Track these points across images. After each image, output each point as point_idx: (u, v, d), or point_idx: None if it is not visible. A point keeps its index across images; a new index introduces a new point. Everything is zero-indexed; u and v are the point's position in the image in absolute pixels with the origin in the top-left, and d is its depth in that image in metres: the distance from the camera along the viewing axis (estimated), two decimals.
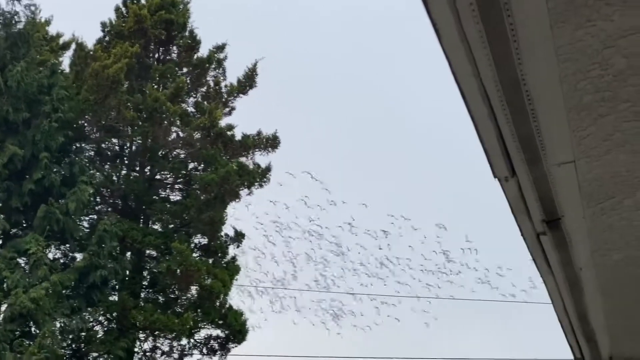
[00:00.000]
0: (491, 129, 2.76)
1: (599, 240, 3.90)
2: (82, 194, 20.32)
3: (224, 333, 24.24)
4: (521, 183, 3.12)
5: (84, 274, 20.09)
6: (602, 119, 2.73)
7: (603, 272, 4.38)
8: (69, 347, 21.10)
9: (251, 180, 24.05)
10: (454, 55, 2.39)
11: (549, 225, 3.58)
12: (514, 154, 2.92)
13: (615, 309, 5.31)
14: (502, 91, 2.55)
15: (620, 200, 3.40)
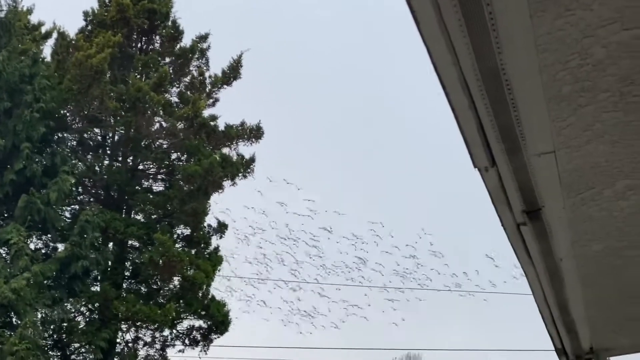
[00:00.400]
0: (471, 119, 2.75)
1: (579, 230, 3.91)
2: (64, 184, 20.21)
3: (206, 324, 24.22)
4: (501, 173, 3.12)
5: (66, 264, 20.00)
6: (582, 109, 2.73)
7: (583, 262, 4.40)
8: (50, 338, 21.03)
9: (234, 171, 24.00)
10: (433, 44, 2.38)
11: (530, 216, 3.58)
12: (493, 144, 2.91)
13: (596, 299, 5.33)
14: (481, 81, 2.54)
15: (600, 190, 3.41)
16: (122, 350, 23.09)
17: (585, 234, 3.97)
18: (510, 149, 2.96)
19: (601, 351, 6.71)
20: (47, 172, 20.74)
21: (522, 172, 3.15)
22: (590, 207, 3.60)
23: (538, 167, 3.13)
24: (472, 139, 2.88)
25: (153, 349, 23.62)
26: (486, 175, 3.15)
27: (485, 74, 2.53)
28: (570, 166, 3.16)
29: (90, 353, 21.18)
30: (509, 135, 2.88)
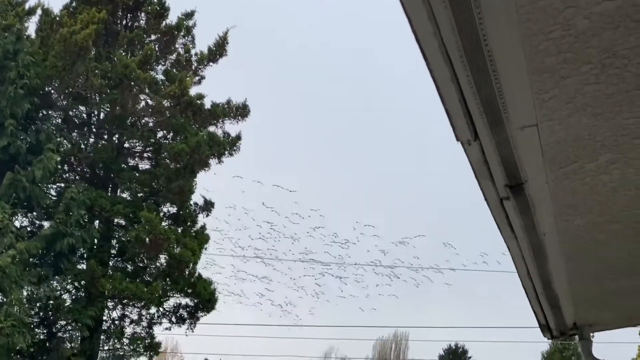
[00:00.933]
0: (453, 92, 2.73)
1: (562, 205, 3.90)
2: (49, 161, 20.12)
3: (193, 302, 24.27)
4: (484, 147, 3.10)
5: (51, 242, 19.96)
6: (564, 81, 2.71)
7: (566, 237, 4.40)
8: (36, 315, 21.03)
9: (221, 150, 23.95)
10: (414, 15, 2.36)
11: (512, 190, 3.56)
12: (476, 117, 2.89)
13: (579, 275, 5.34)
14: (463, 52, 2.52)
15: (582, 164, 3.40)
16: (108, 327, 23.12)
17: (568, 209, 3.96)
18: (492, 122, 2.94)
19: (585, 326, 6.74)
20: (32, 149, 20.65)
21: (505, 146, 3.13)
22: (573, 182, 3.59)
23: (521, 141, 3.12)
24: (455, 111, 2.86)
25: (140, 326, 23.67)
26: (469, 149, 3.14)
27: (467, 45, 2.51)
28: (552, 139, 3.15)
29: (76, 330, 21.20)
30: (491, 108, 2.86)
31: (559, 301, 5.78)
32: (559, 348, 59.88)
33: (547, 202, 3.80)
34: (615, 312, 6.86)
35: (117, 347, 22.80)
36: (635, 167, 3.45)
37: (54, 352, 20.37)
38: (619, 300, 6.36)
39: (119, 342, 22.86)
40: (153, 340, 23.73)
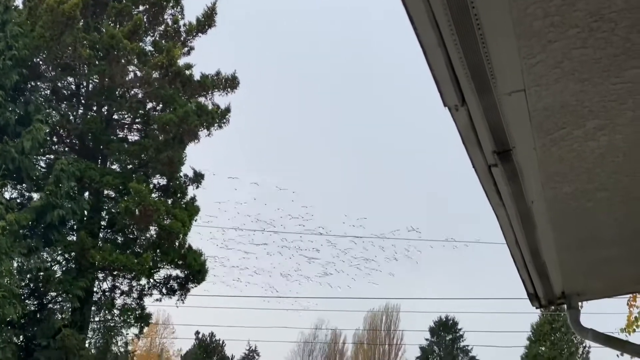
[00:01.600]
0: (440, 56, 2.71)
1: (549, 172, 3.90)
2: (38, 132, 20.04)
3: (183, 273, 24.32)
4: (471, 112, 3.08)
5: (41, 213, 19.93)
6: (552, 45, 2.69)
7: (554, 205, 4.39)
8: (27, 287, 21.03)
9: (210, 120, 23.89)
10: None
11: (500, 157, 3.55)
12: (463, 82, 2.87)
13: (567, 243, 5.35)
14: (450, 16, 2.50)
15: (570, 131, 3.38)
16: (99, 299, 23.16)
17: (556, 176, 3.96)
18: (480, 87, 2.92)
19: (573, 295, 6.76)
20: (21, 120, 20.55)
21: (493, 111, 3.12)
22: (560, 148, 3.58)
23: (508, 106, 3.10)
24: (442, 77, 2.84)
25: (130, 297, 23.73)
26: (456, 115, 3.12)
27: (454, 9, 2.49)
28: (540, 105, 3.13)
29: (67, 302, 21.23)
30: (478, 73, 2.84)
31: (547, 270, 5.79)
32: (548, 320, 60.30)
33: (535, 169, 3.79)
34: (603, 281, 6.88)
35: (107, 319, 22.86)
36: (623, 133, 3.45)
37: (45, 323, 20.39)
38: (607, 269, 6.38)
39: (110, 313, 22.91)
40: (144, 312, 23.79)
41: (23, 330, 20.68)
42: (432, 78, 2.87)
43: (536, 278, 6.05)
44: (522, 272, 5.94)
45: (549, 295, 6.70)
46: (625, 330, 10.50)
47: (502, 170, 3.71)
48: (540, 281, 6.14)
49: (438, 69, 2.79)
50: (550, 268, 5.76)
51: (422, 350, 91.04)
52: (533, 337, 61.27)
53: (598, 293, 7.40)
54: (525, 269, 5.81)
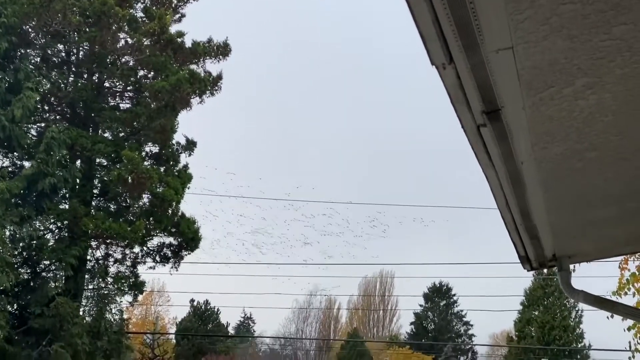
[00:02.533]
0: (426, 13, 2.67)
1: (539, 132, 3.87)
2: (28, 100, 19.90)
3: (176, 241, 24.34)
4: (459, 70, 3.05)
5: (33, 181, 19.86)
6: (539, 0, 2.66)
7: (544, 166, 4.37)
8: (20, 255, 21.01)
9: (202, 88, 23.78)
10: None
11: (489, 117, 3.52)
12: (450, 39, 2.84)
13: (557, 204, 5.34)
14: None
15: (559, 89, 3.35)
16: (92, 267, 23.19)
17: (545, 136, 3.93)
18: (467, 44, 2.88)
19: (563, 258, 6.77)
20: (11, 88, 20.41)
21: (481, 70, 3.08)
22: (549, 108, 3.55)
23: (496, 65, 3.06)
24: (428, 34, 2.80)
25: (123, 265, 23.76)
26: (444, 73, 3.08)
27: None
28: (528, 63, 3.10)
29: (60, 270, 21.24)
30: (465, 30, 2.80)
31: (538, 232, 5.79)
32: (541, 284, 60.65)
33: (525, 129, 3.76)
34: (593, 243, 6.89)
35: (101, 286, 22.89)
36: (612, 92, 3.42)
37: (39, 291, 20.42)
38: (598, 231, 6.39)
39: (103, 281, 22.95)
40: (137, 280, 23.84)
41: (17, 298, 20.71)
42: (419, 35, 2.83)
43: (527, 241, 6.05)
44: (513, 234, 5.94)
45: (540, 257, 6.71)
46: (617, 293, 10.55)
47: (491, 131, 3.68)
48: (531, 244, 6.15)
49: (424, 26, 2.76)
50: (541, 230, 5.75)
51: (417, 316, 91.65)
52: (526, 302, 61.66)
53: (589, 255, 7.42)
54: (516, 232, 5.81)
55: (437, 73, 3.14)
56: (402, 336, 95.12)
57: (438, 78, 3.21)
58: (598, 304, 6.83)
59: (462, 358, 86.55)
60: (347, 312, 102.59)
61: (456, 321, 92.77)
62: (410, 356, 77.93)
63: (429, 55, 2.95)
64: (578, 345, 59.34)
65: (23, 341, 20.07)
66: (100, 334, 21.50)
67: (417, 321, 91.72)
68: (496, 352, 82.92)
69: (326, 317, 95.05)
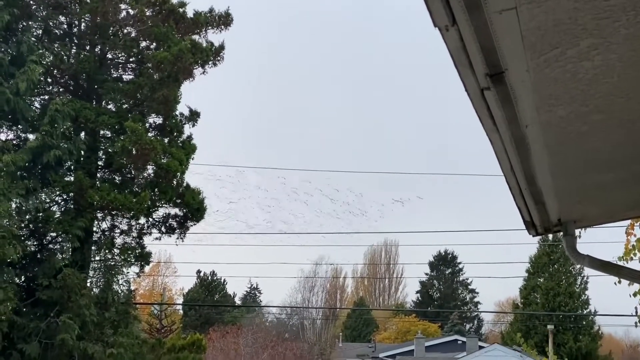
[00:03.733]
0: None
1: (543, 95, 3.84)
2: (32, 73, 19.85)
3: (182, 211, 24.39)
4: (462, 32, 3.02)
5: (38, 154, 19.87)
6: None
7: (548, 129, 4.35)
8: (26, 228, 21.09)
9: (205, 58, 23.70)
10: None
11: (493, 80, 3.49)
12: (453, 0, 2.81)
13: (562, 168, 5.32)
14: None
15: (563, 50, 3.32)
16: (98, 238, 23.26)
17: (550, 99, 3.91)
18: (470, 5, 2.85)
19: (569, 222, 6.76)
20: (14, 61, 20.37)
21: (484, 31, 3.05)
22: (554, 70, 3.52)
23: (500, 26, 3.03)
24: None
25: (129, 237, 23.81)
26: (447, 35, 3.05)
27: None
28: (532, 24, 3.07)
29: (67, 242, 21.31)
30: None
31: (543, 197, 5.77)
32: (546, 251, 60.76)
33: (529, 91, 3.74)
34: (599, 207, 6.89)
35: (108, 258, 22.97)
36: (617, 52, 3.39)
37: (46, 263, 20.50)
38: (603, 195, 6.38)
39: (110, 252, 23.02)
40: (144, 250, 23.92)
41: (24, 270, 20.81)
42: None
43: (532, 205, 6.03)
44: (518, 200, 5.93)
45: (545, 222, 6.70)
46: (623, 259, 10.56)
47: (495, 94, 3.66)
48: (536, 209, 6.13)
49: None
50: (546, 195, 5.74)
51: (422, 284, 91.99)
52: (531, 269, 61.82)
53: (594, 219, 7.42)
54: (521, 197, 5.79)
55: (439, 35, 3.11)
56: (408, 305, 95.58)
57: (440, 42, 3.19)
58: (603, 268, 6.84)
59: (467, 325, 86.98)
60: (353, 282, 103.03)
61: (462, 289, 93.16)
62: (416, 324, 78.32)
63: (432, 17, 2.93)
64: (583, 312, 59.57)
65: (31, 313, 20.19)
66: (108, 305, 21.62)
67: (423, 289, 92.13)
68: (502, 319, 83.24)
69: (332, 286, 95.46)
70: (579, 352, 55.34)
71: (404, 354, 56.60)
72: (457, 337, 66.06)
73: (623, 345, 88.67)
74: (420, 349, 53.23)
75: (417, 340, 55.76)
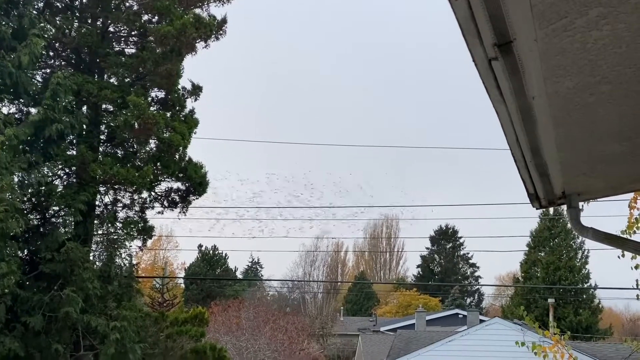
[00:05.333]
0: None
1: (551, 65, 3.84)
2: (35, 47, 19.77)
3: (184, 185, 24.41)
4: (471, 1, 3.02)
5: (40, 128, 19.85)
6: None
7: (555, 100, 4.35)
8: (29, 202, 21.11)
9: (208, 32, 23.58)
10: None
11: (501, 50, 3.48)
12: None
13: (568, 140, 5.32)
14: None
15: (572, 20, 3.32)
16: (101, 212, 23.29)
17: (558, 69, 3.90)
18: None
19: (573, 195, 6.77)
20: (16, 35, 20.28)
21: (493, 0, 3.05)
22: (562, 39, 3.52)
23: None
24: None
25: (132, 211, 23.85)
26: (455, 4, 3.05)
27: None
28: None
29: (69, 215, 21.33)
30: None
31: (548, 169, 5.78)
32: (547, 226, 60.89)
33: (537, 62, 3.73)
34: (603, 179, 6.89)
35: (110, 232, 23.01)
36: (626, 22, 3.38)
37: (49, 236, 20.54)
38: (608, 167, 6.38)
39: (112, 226, 23.05)
40: (146, 224, 23.95)
41: (27, 243, 20.86)
42: None
43: (537, 178, 6.04)
44: (522, 172, 5.94)
45: (549, 195, 6.71)
46: (626, 232, 10.57)
47: (503, 64, 3.65)
48: (540, 181, 6.14)
49: None
50: (551, 167, 5.74)
51: (423, 258, 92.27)
52: (532, 244, 61.97)
53: (598, 192, 7.42)
54: (525, 169, 5.80)
55: (448, 5, 3.11)
56: (408, 279, 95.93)
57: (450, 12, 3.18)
58: (608, 240, 6.84)
59: (468, 299, 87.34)
60: (354, 256, 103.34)
61: (462, 263, 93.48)
62: (417, 298, 78.66)
63: None
64: (584, 286, 59.76)
65: (34, 286, 20.27)
66: (111, 279, 21.70)
67: (424, 264, 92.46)
68: (502, 293, 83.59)
69: (333, 260, 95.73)
70: (579, 325, 55.60)
71: (405, 327, 56.84)
72: (457, 311, 66.38)
73: (623, 318, 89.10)
74: (421, 323, 53.46)
75: (418, 314, 56.00)
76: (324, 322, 72.03)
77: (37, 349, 19.53)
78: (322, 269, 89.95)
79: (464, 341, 35.99)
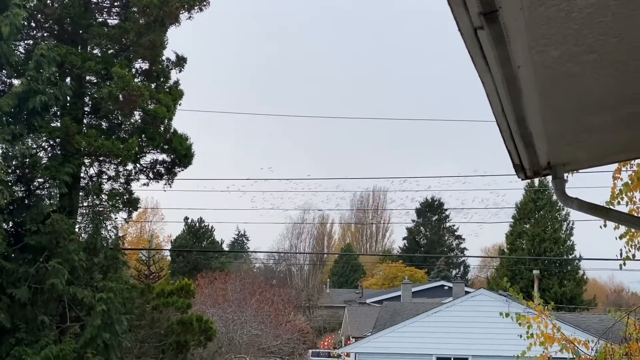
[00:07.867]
0: None
1: (536, 34, 3.82)
2: (16, 17, 19.58)
3: (169, 157, 24.35)
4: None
5: (23, 99, 19.71)
6: None
7: (541, 70, 4.34)
8: (13, 173, 21.00)
9: (191, 2, 23.39)
10: None
11: (486, 18, 3.46)
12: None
13: (553, 110, 5.32)
14: None
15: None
16: (86, 184, 23.21)
17: (543, 39, 3.89)
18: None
19: (558, 166, 6.77)
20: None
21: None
22: (548, 8, 3.50)
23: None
24: None
25: (117, 182, 23.78)
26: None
27: None
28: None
29: (54, 187, 21.24)
30: None
31: (533, 139, 5.78)
32: (532, 198, 61.20)
33: (522, 31, 3.72)
34: (588, 150, 6.90)
35: (96, 204, 22.95)
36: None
37: (34, 208, 20.47)
38: (593, 138, 6.39)
39: (98, 198, 22.98)
40: (131, 196, 23.91)
41: (12, 215, 20.77)
42: None
43: (522, 148, 6.04)
44: (508, 142, 5.93)
45: (534, 166, 6.71)
46: (610, 203, 10.62)
47: (489, 33, 3.63)
48: (526, 151, 6.14)
49: None
50: (536, 137, 5.74)
51: (409, 231, 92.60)
52: (517, 216, 62.31)
53: (583, 162, 7.44)
54: (511, 140, 5.79)
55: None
56: (394, 251, 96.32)
57: None
58: (592, 210, 6.87)
59: (454, 271, 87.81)
60: (340, 228, 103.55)
61: (448, 235, 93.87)
62: (403, 270, 79.00)
63: None
64: (569, 257, 60.20)
65: (20, 258, 20.22)
66: (97, 251, 21.67)
67: (410, 236, 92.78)
68: (488, 264, 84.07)
69: (320, 233, 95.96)
70: (563, 297, 56.09)
71: (391, 299, 57.19)
72: (443, 283, 66.80)
73: (607, 289, 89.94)
74: (407, 295, 53.77)
75: (404, 286, 56.29)
76: (310, 294, 72.35)
77: (23, 321, 19.53)
78: (309, 241, 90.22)
79: (450, 312, 36.28)
